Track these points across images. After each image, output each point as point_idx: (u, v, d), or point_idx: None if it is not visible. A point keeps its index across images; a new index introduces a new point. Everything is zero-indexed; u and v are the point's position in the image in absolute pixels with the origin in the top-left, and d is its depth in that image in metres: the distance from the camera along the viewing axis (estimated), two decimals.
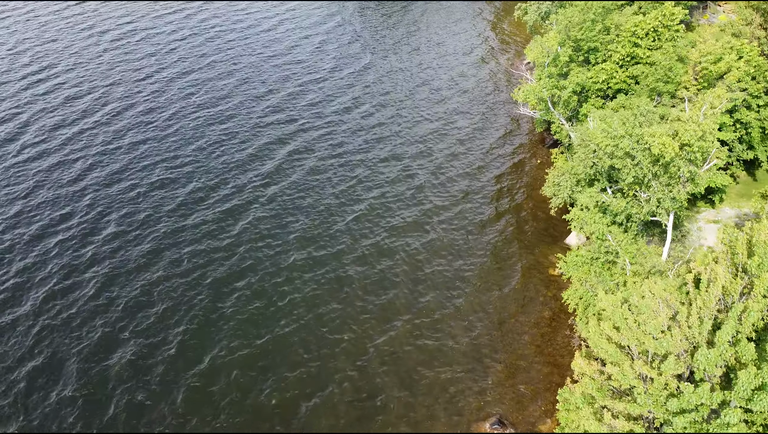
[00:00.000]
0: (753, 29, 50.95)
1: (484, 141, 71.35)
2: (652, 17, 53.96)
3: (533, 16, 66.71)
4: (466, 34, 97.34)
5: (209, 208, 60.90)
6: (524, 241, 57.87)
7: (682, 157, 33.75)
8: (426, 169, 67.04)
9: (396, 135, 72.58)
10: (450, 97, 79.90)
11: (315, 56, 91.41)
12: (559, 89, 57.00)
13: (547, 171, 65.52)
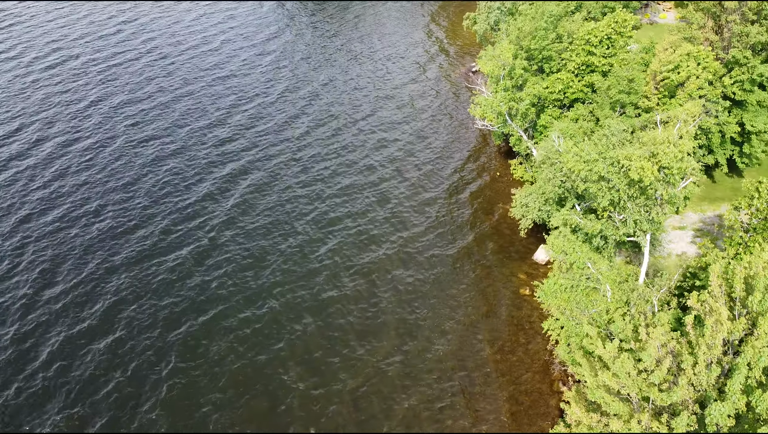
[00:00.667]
0: (705, 33, 50.49)
1: (442, 156, 69.14)
2: (604, 24, 52.92)
3: (483, 26, 64.99)
4: (413, 43, 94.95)
5: (173, 251, 56.29)
6: (491, 260, 55.91)
7: (661, 179, 32.25)
8: (388, 190, 64.35)
9: (358, 156, 69.54)
10: (405, 112, 77.40)
11: (263, 75, 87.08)
12: (516, 102, 55.37)
13: (507, 183, 64.78)
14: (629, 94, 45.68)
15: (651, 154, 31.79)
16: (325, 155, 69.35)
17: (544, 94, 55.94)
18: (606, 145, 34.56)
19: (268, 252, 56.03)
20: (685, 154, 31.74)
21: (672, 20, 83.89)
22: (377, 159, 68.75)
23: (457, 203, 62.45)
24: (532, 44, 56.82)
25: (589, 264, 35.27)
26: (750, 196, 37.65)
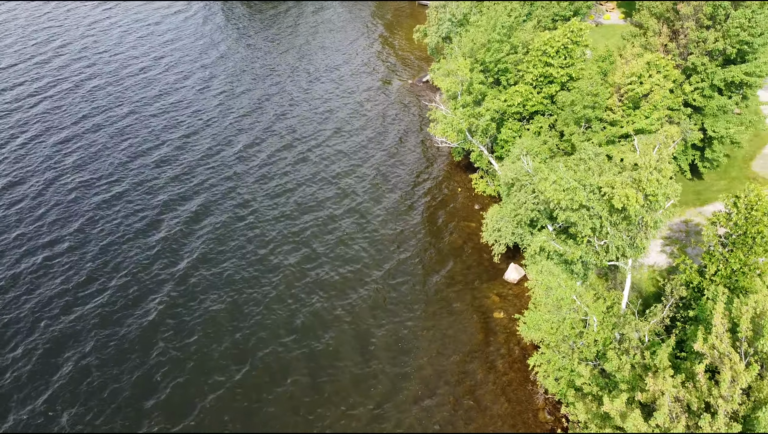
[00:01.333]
0: (661, 39, 49.78)
1: (401, 174, 66.60)
2: (560, 34, 51.56)
3: (434, 39, 62.87)
4: (360, 51, 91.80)
5: (136, 308, 51.71)
6: (461, 281, 53.80)
7: (645, 206, 30.70)
8: (345, 213, 61.37)
9: (309, 181, 66.12)
10: (358, 129, 74.40)
11: (200, 94, 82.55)
12: (476, 118, 53.48)
13: (470, 198, 62.85)
14: (594, 108, 44.33)
15: (635, 181, 30.18)
16: (285, 185, 65.82)
17: (503, 108, 54.26)
18: (584, 170, 32.78)
19: (244, 308, 52.32)
20: (668, 179, 30.29)
21: (616, 20, 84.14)
22: (332, 180, 65.69)
23: (419, 222, 60.13)
24: (486, 57, 55.07)
25: (575, 297, 33.47)
26: (728, 211, 36.70)
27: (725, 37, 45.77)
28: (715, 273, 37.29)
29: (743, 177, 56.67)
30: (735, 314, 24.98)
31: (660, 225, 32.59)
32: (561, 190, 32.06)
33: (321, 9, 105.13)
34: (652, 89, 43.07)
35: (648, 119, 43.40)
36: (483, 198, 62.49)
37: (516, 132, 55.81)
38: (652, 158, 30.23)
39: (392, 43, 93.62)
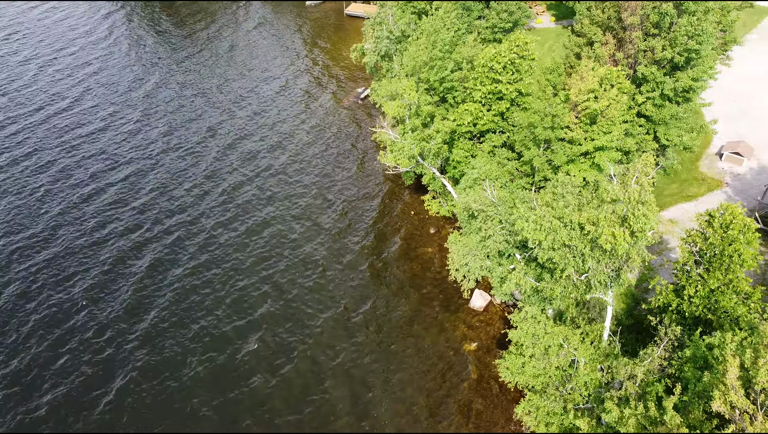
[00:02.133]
0: (608, 49, 48.67)
1: (349, 201, 63.07)
2: (506, 49, 49.60)
3: (373, 57, 59.76)
4: (291, 69, 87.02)
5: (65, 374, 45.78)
6: (426, 315, 51.05)
7: (632, 243, 28.79)
8: (288, 249, 57.40)
9: (255, 214, 61.70)
10: (298, 154, 70.13)
11: (140, 124, 75.92)
12: (427, 141, 50.82)
13: (424, 221, 59.99)
14: (553, 129, 42.48)
15: (619, 217, 28.19)
16: (226, 222, 61.04)
17: (452, 127, 51.87)
18: (563, 207, 30.55)
19: (183, 359, 47.49)
20: (653, 213, 28.50)
21: (548, 23, 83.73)
22: (277, 211, 61.53)
23: (374, 253, 56.95)
24: (430, 76, 52.55)
25: (563, 342, 31.24)
26: (703, 232, 35.47)
27: (672, 46, 45.00)
28: (694, 294, 36.11)
29: (692, 178, 56.72)
30: (749, 364, 23.33)
31: (644, 255, 30.81)
32: (542, 230, 29.75)
33: (246, 29, 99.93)
34: (609, 104, 41.65)
35: (607, 135, 41.99)
36: (437, 219, 60.07)
37: (468, 151, 53.59)
38: (634, 190, 28.34)
39: (324, 58, 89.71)
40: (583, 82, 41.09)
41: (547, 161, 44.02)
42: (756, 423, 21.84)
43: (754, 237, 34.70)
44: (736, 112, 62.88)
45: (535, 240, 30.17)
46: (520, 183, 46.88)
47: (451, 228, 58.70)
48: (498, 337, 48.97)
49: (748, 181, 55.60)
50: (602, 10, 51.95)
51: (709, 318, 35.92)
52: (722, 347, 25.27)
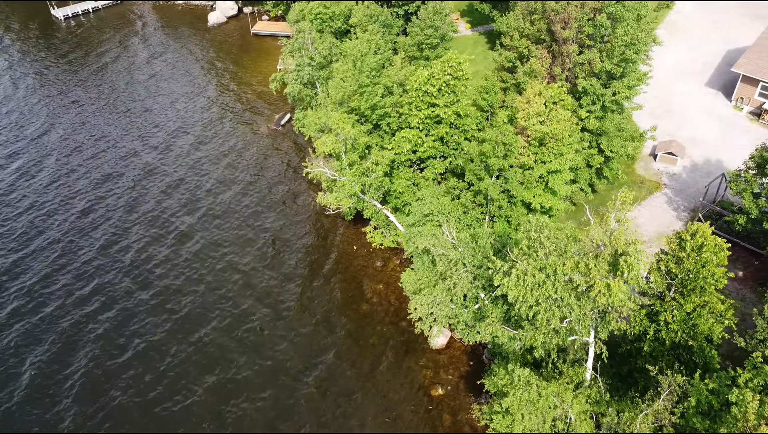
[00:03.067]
0: (542, 62, 47.06)
1: (287, 240, 58.34)
2: (439, 71, 46.89)
3: (295, 87, 55.50)
4: (202, 101, 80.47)
5: None
6: (386, 361, 47.48)
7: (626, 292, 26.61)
8: (222, 298, 52.20)
9: (180, 262, 55.73)
10: (224, 194, 64.39)
11: (26, 184, 67.45)
12: (367, 175, 47.34)
13: (368, 255, 56.16)
14: (507, 157, 40.07)
15: (610, 264, 25.90)
16: (146, 280, 54.77)
17: (392, 157, 48.70)
18: (543, 256, 27.90)
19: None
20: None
21: (465, 31, 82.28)
22: (200, 267, 55.99)
23: (318, 297, 52.71)
24: (361, 104, 49.10)
25: (556, 400, 28.69)
26: (675, 255, 34.09)
27: (610, 57, 43.89)
28: (672, 320, 34.79)
29: (632, 182, 56.40)
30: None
31: (637, 300, 28.83)
32: (527, 287, 27.01)
33: (144, 59, 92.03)
34: (560, 126, 39.81)
35: (560, 158, 40.18)
36: (382, 251, 56.61)
37: (410, 179, 50.60)
38: (620, 233, 26.15)
39: (236, 84, 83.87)
40: (530, 105, 38.95)
41: (502, 190, 41.71)
42: None
43: (725, 255, 33.77)
44: (660, 110, 63.54)
45: (516, 296, 27.43)
46: (474, 214, 44.36)
47: (397, 260, 55.52)
48: (466, 376, 46.24)
49: (685, 181, 55.97)
50: (531, 23, 50.39)
51: (690, 344, 34.76)
52: (741, 403, 23.40)
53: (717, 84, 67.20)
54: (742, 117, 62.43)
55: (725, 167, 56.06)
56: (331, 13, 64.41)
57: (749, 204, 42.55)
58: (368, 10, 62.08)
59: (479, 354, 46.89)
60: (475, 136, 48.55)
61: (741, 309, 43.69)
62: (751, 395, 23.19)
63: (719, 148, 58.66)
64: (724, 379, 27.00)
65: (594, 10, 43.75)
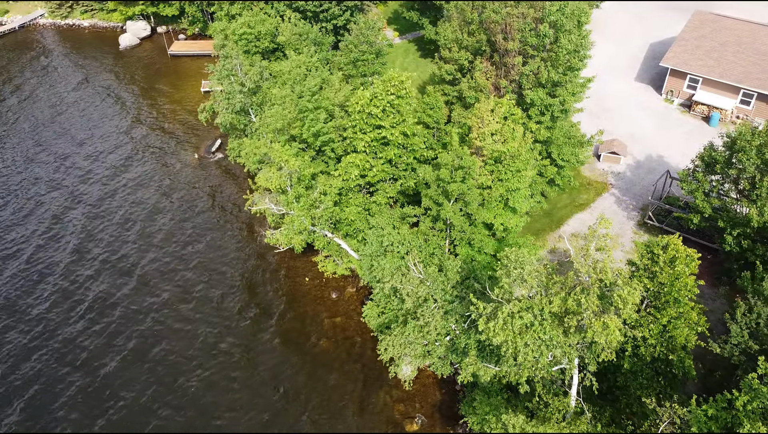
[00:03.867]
0: (488, 76, 45.80)
1: (231, 280, 54.62)
2: (382, 91, 44.69)
3: (227, 117, 51.86)
4: (124, 133, 74.72)
5: None
6: (355, 401, 45.03)
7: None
8: (168, 344, 48.16)
9: (125, 313, 50.98)
10: (158, 234, 59.84)
11: None
12: (316, 207, 44.63)
13: (321, 285, 53.28)
14: (465, 180, 38.35)
15: (601, 298, 24.52)
16: (72, 330, 49.77)
17: (340, 185, 46.19)
18: (526, 295, 26.23)
19: None
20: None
21: (394, 40, 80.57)
22: (138, 314, 51.62)
23: (274, 339, 49.52)
24: (304, 132, 46.34)
25: None
26: (649, 269, 33.40)
27: (555, 66, 43.09)
28: (649, 335, 34.17)
29: (579, 185, 56.08)
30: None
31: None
32: (515, 333, 25.25)
33: (50, 89, 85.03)
34: (516, 143, 38.52)
35: (517, 176, 38.90)
36: (335, 280, 53.96)
37: (360, 205, 48.24)
38: (605, 264, 24.83)
39: (157, 111, 78.64)
40: (484, 124, 37.42)
41: (463, 214, 40.03)
42: None
43: (696, 265, 33.41)
44: (597, 109, 63.95)
45: (504, 341, 25.66)
46: (435, 240, 42.50)
47: (353, 288, 53.03)
48: (439, 405, 44.42)
49: (630, 179, 56.36)
50: (469, 33, 49.07)
51: (670, 358, 34.25)
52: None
53: (646, 78, 68.48)
54: (673, 109, 63.77)
55: (666, 162, 56.91)
56: (257, 33, 61.02)
57: (702, 203, 42.79)
58: (296, 28, 59.15)
59: (450, 380, 45.20)
60: (425, 155, 46.75)
61: (701, 304, 44.04)
62: (765, 429, 22.37)
63: (658, 142, 59.54)
64: (720, 403, 26.24)
65: (535, 20, 42.82)
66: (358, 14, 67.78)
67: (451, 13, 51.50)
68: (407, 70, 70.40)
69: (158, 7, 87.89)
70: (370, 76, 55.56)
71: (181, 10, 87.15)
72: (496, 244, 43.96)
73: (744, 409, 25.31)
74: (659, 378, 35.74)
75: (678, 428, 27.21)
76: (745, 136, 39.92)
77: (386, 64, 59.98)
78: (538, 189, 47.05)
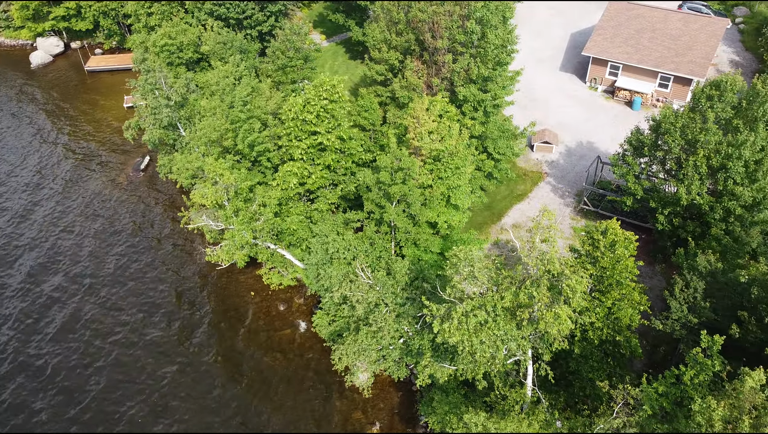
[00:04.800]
0: (420, 75, 45.84)
1: (173, 302, 52.48)
2: (314, 96, 43.95)
3: (155, 133, 49.76)
4: (44, 156, 70.79)
5: None
6: (312, 409, 44.16)
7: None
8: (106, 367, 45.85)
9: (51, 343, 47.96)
10: (88, 259, 56.77)
11: None
12: (256, 219, 43.48)
13: (268, 298, 52.07)
14: (406, 181, 38.16)
15: (551, 288, 24.80)
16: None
17: (279, 195, 45.17)
18: (477, 292, 26.28)
19: None
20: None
21: (321, 43, 79.75)
22: (79, 329, 48.94)
23: (223, 359, 48.01)
24: (239, 144, 45.06)
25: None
26: (591, 255, 34.21)
27: (484, 61, 43.58)
28: (596, 319, 35.02)
29: (516, 176, 57.09)
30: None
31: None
32: (466, 328, 25.18)
33: None
34: (453, 141, 38.66)
35: (457, 173, 39.08)
36: (282, 292, 52.72)
37: (302, 214, 47.36)
38: (552, 256, 25.13)
39: (78, 131, 74.64)
40: (420, 123, 37.37)
41: (406, 215, 39.86)
42: None
43: (634, 247, 34.48)
44: (526, 100, 65.30)
45: (460, 341, 25.58)
46: (381, 243, 42.13)
47: (300, 298, 52.01)
48: (398, 407, 44.19)
49: (564, 167, 57.84)
50: (397, 33, 48.99)
51: (617, 339, 35.21)
52: (705, 411, 23.28)
53: (570, 67, 70.52)
54: (598, 96, 65.94)
55: (596, 148, 58.73)
56: (179, 44, 58.95)
57: (633, 185, 44.29)
58: (220, 37, 57.50)
59: (407, 382, 45.03)
60: (363, 158, 46.35)
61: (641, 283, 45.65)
62: (715, 402, 23.20)
63: (587, 129, 61.39)
64: (669, 379, 27.10)
65: (462, 17, 43.17)
66: (283, 19, 66.65)
67: (377, 14, 51.27)
68: (338, 73, 69.82)
69: (70, 22, 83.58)
70: (300, 82, 54.69)
71: (95, 23, 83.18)
72: (441, 242, 44.08)
73: (692, 383, 26.22)
74: (608, 359, 36.75)
75: (632, 408, 27.94)
76: (669, 118, 41.56)
77: (316, 69, 59.25)
78: (477, 183, 47.53)
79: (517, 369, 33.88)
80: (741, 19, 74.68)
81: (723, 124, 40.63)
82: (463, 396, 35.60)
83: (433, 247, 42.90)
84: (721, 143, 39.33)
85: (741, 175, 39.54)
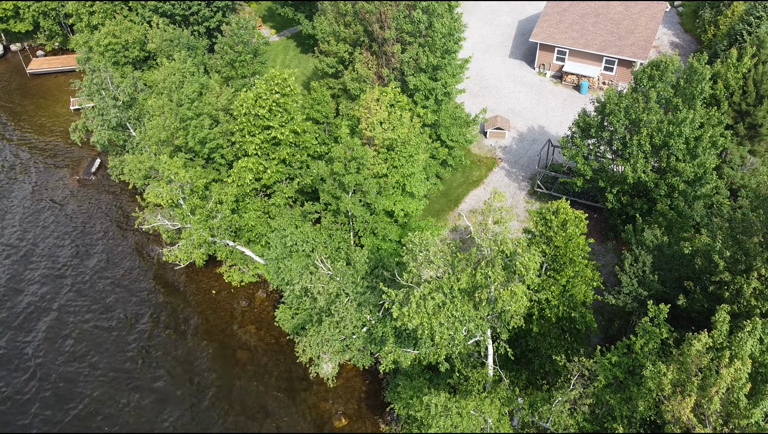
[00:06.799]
0: (370, 66, 46.06)
1: (131, 306, 51.56)
2: (265, 91, 43.75)
3: (104, 135, 48.63)
4: None
5: None
6: (278, 404, 44.24)
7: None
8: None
9: None
10: (36, 263, 55.26)
11: None
12: (213, 217, 43.11)
13: (229, 296, 51.69)
14: (359, 171, 38.41)
15: (506, 268, 25.47)
16: None
17: (235, 192, 44.87)
18: (434, 276, 26.80)
19: None
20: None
21: (271, 37, 79.05)
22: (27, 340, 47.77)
23: (188, 361, 47.56)
24: (190, 141, 44.55)
25: (476, 414, 28.03)
26: (544, 234, 35.16)
27: (432, 50, 44.08)
28: (552, 297, 36.06)
29: (470, 163, 57.93)
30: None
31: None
32: (425, 312, 25.70)
33: None
34: (405, 129, 39.08)
35: (410, 161, 39.56)
36: (244, 289, 52.47)
37: (259, 210, 47.17)
38: (504, 236, 25.79)
39: (22, 136, 72.27)
40: (371, 113, 37.66)
41: (362, 204, 40.14)
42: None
43: (585, 225, 35.58)
44: (477, 88, 66.33)
45: (419, 324, 26.09)
46: (339, 234, 42.34)
47: (263, 294, 51.85)
48: (365, 397, 44.63)
49: (516, 152, 59.02)
50: (345, 25, 49.08)
51: (573, 316, 36.32)
52: (654, 376, 24.39)
53: (518, 54, 71.78)
54: (547, 81, 67.37)
55: (547, 132, 60.11)
56: (124, 42, 57.65)
57: (583, 166, 45.58)
58: (166, 34, 56.50)
59: (373, 370, 45.48)
60: (318, 151, 46.42)
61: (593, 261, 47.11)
62: (665, 367, 24.31)
63: (537, 114, 62.73)
64: (621, 349, 28.21)
65: (408, 7, 43.55)
66: (231, 14, 65.84)
67: (325, 7, 51.20)
68: (289, 67, 69.62)
69: (8, 23, 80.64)
70: (250, 77, 54.25)
71: (35, 24, 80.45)
72: (399, 230, 44.58)
73: (642, 351, 27.38)
74: (566, 335, 37.92)
75: (587, 379, 29.00)
76: (613, 99, 42.89)
77: (266, 63, 58.82)
78: (432, 171, 48.14)
79: (478, 350, 34.70)
80: (679, 2, 77.29)
81: (663, 104, 42.17)
82: (427, 380, 36.27)
83: (392, 235, 43.39)
84: (662, 122, 40.83)
85: (682, 152, 41.17)
